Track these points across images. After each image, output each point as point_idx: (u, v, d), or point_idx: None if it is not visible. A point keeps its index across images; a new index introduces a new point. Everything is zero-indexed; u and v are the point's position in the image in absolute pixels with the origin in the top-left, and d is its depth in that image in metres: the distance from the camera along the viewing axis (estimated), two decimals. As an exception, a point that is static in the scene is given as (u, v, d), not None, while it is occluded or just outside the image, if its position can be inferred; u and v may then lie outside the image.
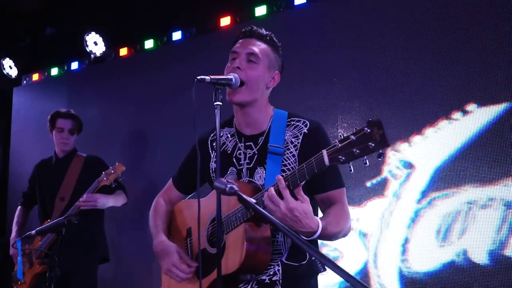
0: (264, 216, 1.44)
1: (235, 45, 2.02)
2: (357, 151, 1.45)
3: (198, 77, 1.83)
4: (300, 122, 1.99)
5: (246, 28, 2.05)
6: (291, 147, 1.94)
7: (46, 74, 5.58)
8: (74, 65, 5.34)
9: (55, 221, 2.27)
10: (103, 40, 4.89)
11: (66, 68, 5.42)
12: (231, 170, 2.01)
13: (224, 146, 2.06)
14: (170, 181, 2.30)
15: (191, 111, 1.75)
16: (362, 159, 1.46)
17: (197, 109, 1.78)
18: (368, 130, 1.43)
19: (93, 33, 4.90)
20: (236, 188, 1.51)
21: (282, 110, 2.07)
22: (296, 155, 1.92)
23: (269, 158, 1.92)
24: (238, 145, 2.03)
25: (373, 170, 3.41)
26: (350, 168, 1.49)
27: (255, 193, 1.81)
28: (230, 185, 1.52)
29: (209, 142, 2.12)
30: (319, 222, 1.72)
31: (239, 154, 2.01)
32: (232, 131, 2.08)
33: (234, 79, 1.91)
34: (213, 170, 2.07)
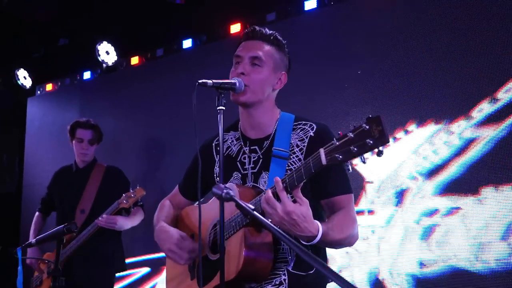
0: (261, 222, 1.37)
1: (239, 48, 1.96)
2: (355, 149, 1.36)
3: (200, 81, 1.79)
4: (307, 125, 1.91)
5: (249, 29, 1.98)
6: (296, 151, 1.87)
7: (59, 84, 5.62)
8: (87, 74, 5.38)
9: (55, 229, 2.25)
10: (115, 49, 4.91)
11: (78, 77, 5.46)
12: (235, 174, 1.95)
13: (228, 150, 2.01)
14: (177, 187, 2.27)
15: (204, 118, 1.73)
16: (361, 158, 1.38)
17: (205, 114, 1.74)
18: (367, 127, 1.34)
19: (104, 42, 4.92)
20: (233, 194, 1.45)
21: (289, 114, 2.00)
22: (302, 158, 1.84)
23: (274, 161, 1.85)
24: (243, 149, 1.97)
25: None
26: (348, 168, 1.41)
27: None
28: (227, 190, 1.46)
29: (214, 146, 2.07)
30: (319, 227, 1.64)
31: (244, 158, 1.95)
32: (237, 134, 2.02)
33: (237, 84, 1.86)
34: (217, 175, 2.01)
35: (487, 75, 3.06)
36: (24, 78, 5.67)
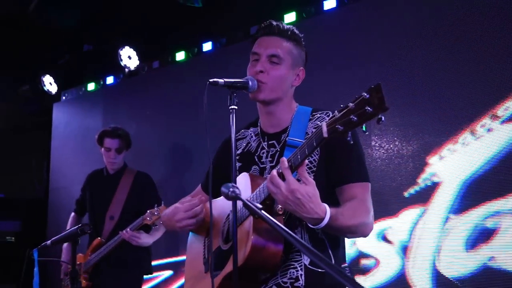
0: (266, 220, 1.33)
1: (255, 44, 1.93)
2: (355, 118, 1.32)
3: (211, 79, 1.77)
4: (323, 113, 1.89)
5: (265, 24, 1.94)
6: None
7: (83, 89, 5.71)
8: (110, 79, 5.45)
9: (69, 230, 2.27)
10: (137, 54, 4.96)
11: (102, 82, 5.53)
12: (254, 169, 1.94)
13: (248, 146, 2.01)
14: (199, 186, 2.26)
15: (227, 121, 1.72)
16: (360, 128, 1.34)
17: (225, 113, 1.71)
18: (367, 96, 1.31)
19: (127, 47, 4.98)
20: (238, 193, 1.43)
21: (307, 107, 1.97)
22: None
23: (287, 151, 1.81)
24: (261, 144, 1.96)
25: (408, 180, 3.26)
26: (350, 139, 1.36)
27: None
28: (233, 189, 1.43)
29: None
30: (326, 209, 1.58)
31: (262, 153, 1.94)
32: (256, 130, 2.02)
33: (250, 82, 1.84)
34: (237, 169, 2.00)
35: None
36: (49, 84, 5.78)
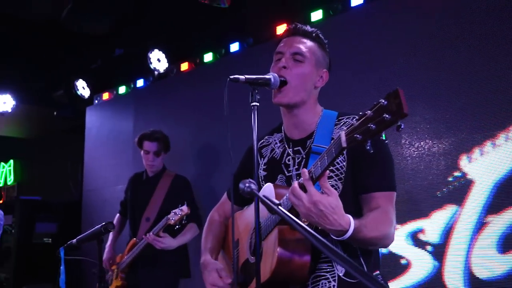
0: (284, 217, 1.30)
1: (280, 44, 1.92)
2: (373, 126, 1.27)
3: (231, 76, 1.76)
4: (350, 118, 1.84)
5: (290, 26, 1.94)
6: None
7: (115, 92, 5.81)
8: (140, 82, 5.52)
9: (94, 229, 2.30)
10: (166, 57, 5.00)
11: (132, 86, 5.61)
12: (280, 177, 1.90)
13: (273, 153, 1.97)
14: (225, 194, 2.24)
15: (260, 121, 1.70)
16: (380, 136, 1.29)
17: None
18: (385, 102, 1.25)
19: (156, 50, 5.03)
20: (254, 188, 1.40)
21: (333, 111, 1.93)
22: (345, 152, 1.73)
23: (312, 158, 1.77)
24: (286, 151, 1.92)
25: (440, 179, 3.16)
26: (370, 148, 1.31)
27: None
28: (249, 184, 1.41)
29: (258, 149, 2.04)
30: (350, 221, 1.54)
31: (288, 160, 1.90)
32: (281, 136, 1.99)
33: (273, 79, 1.82)
34: (262, 178, 1.97)
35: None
36: (82, 88, 5.91)
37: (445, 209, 3.11)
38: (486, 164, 2.98)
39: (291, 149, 1.91)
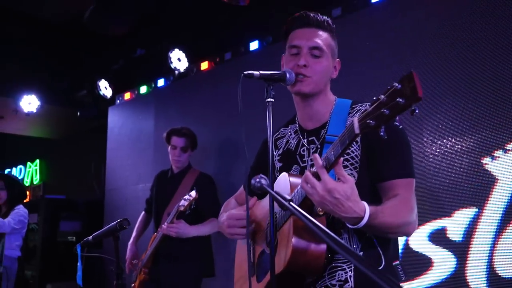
0: (294, 213, 1.27)
1: (293, 36, 1.88)
2: (386, 111, 1.21)
3: (245, 72, 1.75)
4: (363, 106, 1.81)
5: (301, 15, 1.88)
6: None
7: (136, 92, 5.86)
8: (160, 82, 5.56)
9: (109, 226, 2.31)
10: (186, 56, 5.02)
11: (153, 85, 5.65)
12: (295, 168, 1.89)
13: (288, 144, 1.96)
14: (242, 187, 2.24)
15: (276, 118, 1.68)
16: (395, 120, 1.22)
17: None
18: (399, 86, 1.19)
19: (176, 49, 5.06)
20: (265, 183, 1.38)
21: (346, 100, 1.90)
22: (359, 140, 1.71)
23: (326, 148, 1.72)
24: (301, 141, 1.91)
25: (462, 177, 3.09)
26: (384, 135, 1.25)
27: None
28: (259, 180, 1.39)
29: (273, 141, 2.03)
30: (365, 207, 1.50)
31: (303, 150, 1.89)
32: (295, 127, 1.98)
33: (288, 75, 1.81)
34: (277, 170, 1.96)
35: None
36: (105, 88, 5.98)
37: (467, 208, 3.04)
38: (509, 163, 2.90)
39: (305, 140, 1.90)
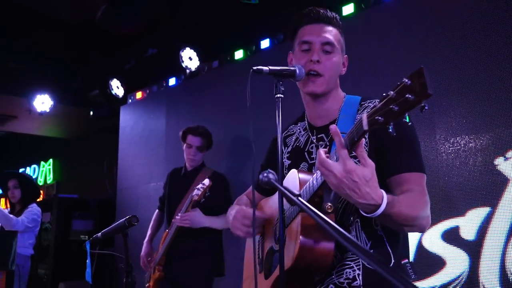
0: (302, 207, 1.25)
1: (303, 31, 1.87)
2: (395, 107, 1.19)
3: (255, 67, 1.73)
4: (372, 102, 1.78)
5: (310, 11, 1.87)
6: None
7: (148, 91, 5.87)
8: (172, 81, 5.56)
9: (118, 223, 2.30)
10: (197, 55, 5.02)
11: (165, 84, 5.66)
12: (303, 165, 1.88)
13: (297, 142, 1.95)
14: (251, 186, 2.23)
15: (285, 115, 1.67)
16: (404, 117, 1.19)
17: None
18: (408, 82, 1.17)
19: (187, 48, 5.06)
20: (272, 178, 1.36)
21: (356, 96, 1.88)
22: (367, 136, 1.69)
23: (335, 145, 1.73)
24: (310, 139, 1.90)
25: (476, 176, 3.04)
26: (392, 131, 1.23)
27: None
28: (267, 174, 1.37)
29: (283, 139, 2.01)
30: (384, 195, 1.45)
31: (311, 148, 1.87)
32: (304, 125, 1.96)
33: (298, 70, 1.79)
34: (286, 167, 1.95)
35: None
36: (117, 87, 6.00)
37: (481, 207, 2.99)
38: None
39: (314, 137, 1.89)
